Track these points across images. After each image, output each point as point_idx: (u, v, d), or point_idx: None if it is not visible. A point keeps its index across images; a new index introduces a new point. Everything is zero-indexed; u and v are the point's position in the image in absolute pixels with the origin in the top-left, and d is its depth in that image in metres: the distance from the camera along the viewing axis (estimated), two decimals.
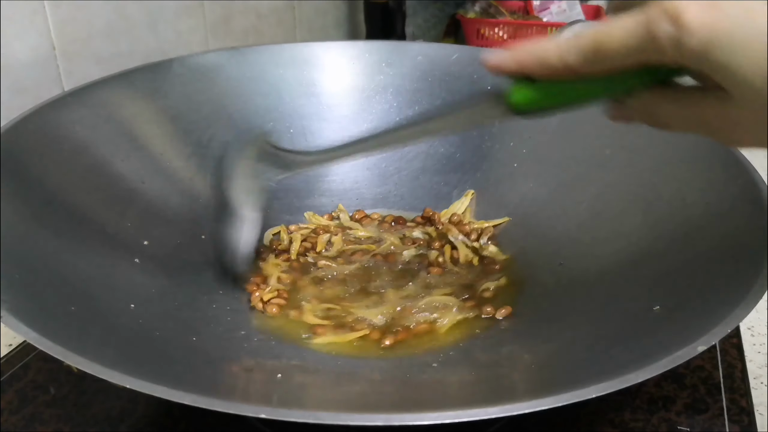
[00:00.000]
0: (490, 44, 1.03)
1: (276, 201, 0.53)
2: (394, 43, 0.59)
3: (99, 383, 0.37)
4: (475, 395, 0.34)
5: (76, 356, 0.24)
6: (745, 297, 0.27)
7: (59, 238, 0.36)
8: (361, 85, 0.57)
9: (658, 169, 0.42)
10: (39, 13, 0.52)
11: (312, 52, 0.56)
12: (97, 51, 0.57)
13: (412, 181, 0.55)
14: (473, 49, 0.61)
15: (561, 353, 0.35)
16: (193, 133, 0.51)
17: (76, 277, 0.34)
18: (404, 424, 0.22)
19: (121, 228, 0.42)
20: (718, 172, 0.38)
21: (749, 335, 0.45)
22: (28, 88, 0.52)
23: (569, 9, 1.09)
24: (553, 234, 0.47)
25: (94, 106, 0.45)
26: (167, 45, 0.65)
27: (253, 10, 0.77)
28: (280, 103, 0.55)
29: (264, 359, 0.38)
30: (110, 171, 0.44)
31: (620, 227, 0.42)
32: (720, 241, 0.34)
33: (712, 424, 0.37)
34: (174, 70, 0.51)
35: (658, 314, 0.31)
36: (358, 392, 0.35)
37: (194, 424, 0.37)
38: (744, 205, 0.34)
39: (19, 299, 0.27)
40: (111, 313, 0.34)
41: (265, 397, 0.33)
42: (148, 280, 0.40)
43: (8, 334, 0.44)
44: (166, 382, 0.23)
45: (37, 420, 0.37)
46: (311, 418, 0.22)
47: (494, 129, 0.54)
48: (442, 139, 0.55)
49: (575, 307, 0.39)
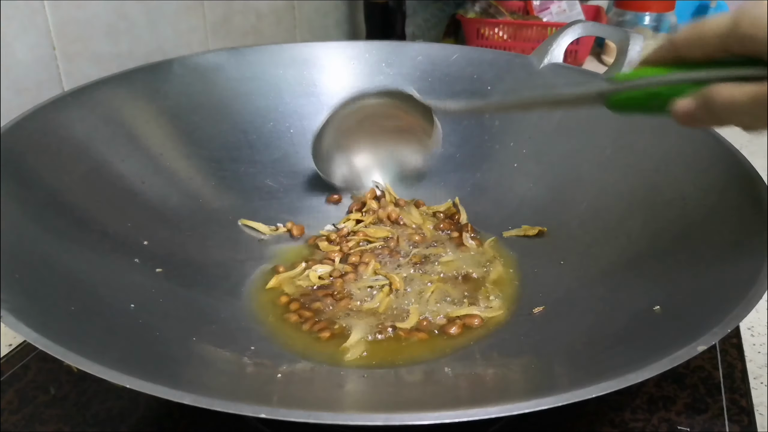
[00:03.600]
0: (490, 44, 1.03)
1: (276, 201, 0.53)
2: (394, 43, 0.59)
3: (99, 383, 0.37)
4: (475, 395, 0.34)
5: (76, 356, 0.24)
6: (745, 297, 0.27)
7: (59, 238, 0.36)
8: (361, 85, 0.56)
9: (658, 169, 0.42)
10: (39, 13, 0.52)
11: (312, 52, 0.57)
12: (97, 51, 0.57)
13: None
14: (473, 49, 0.61)
15: (561, 353, 0.35)
16: (193, 133, 0.51)
17: (76, 277, 0.34)
18: (404, 424, 0.22)
19: (121, 228, 0.42)
20: (718, 172, 0.38)
21: (749, 335, 0.45)
22: (28, 88, 0.52)
23: (569, 9, 1.09)
24: (553, 234, 0.47)
25: (94, 106, 0.45)
26: (167, 45, 0.65)
27: (253, 10, 0.77)
28: (280, 103, 0.55)
29: (264, 359, 0.38)
30: (110, 171, 0.44)
31: (620, 227, 0.42)
32: (720, 241, 0.34)
33: (712, 424, 0.37)
34: (174, 70, 0.51)
35: (658, 314, 0.32)
36: (358, 392, 0.35)
37: (194, 424, 0.37)
38: (744, 205, 0.34)
39: (19, 299, 0.27)
40: (111, 313, 0.34)
41: (265, 397, 0.33)
42: (148, 280, 0.40)
43: (8, 334, 0.44)
44: (166, 382, 0.23)
45: (37, 420, 0.37)
46: (311, 418, 0.22)
47: (494, 129, 0.54)
48: (442, 139, 0.55)
49: (575, 307, 0.39)
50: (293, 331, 0.41)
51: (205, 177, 0.50)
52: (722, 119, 0.27)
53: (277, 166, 0.54)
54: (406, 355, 0.39)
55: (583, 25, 0.53)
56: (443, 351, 0.39)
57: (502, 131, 0.54)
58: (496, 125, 0.54)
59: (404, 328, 0.41)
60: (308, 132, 0.55)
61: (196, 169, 0.50)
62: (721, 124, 0.28)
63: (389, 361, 0.38)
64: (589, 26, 0.54)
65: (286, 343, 0.40)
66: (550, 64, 0.53)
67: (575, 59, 1.03)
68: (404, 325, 0.41)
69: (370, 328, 0.41)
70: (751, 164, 0.36)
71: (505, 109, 0.49)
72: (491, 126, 0.54)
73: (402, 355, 0.39)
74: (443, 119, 0.56)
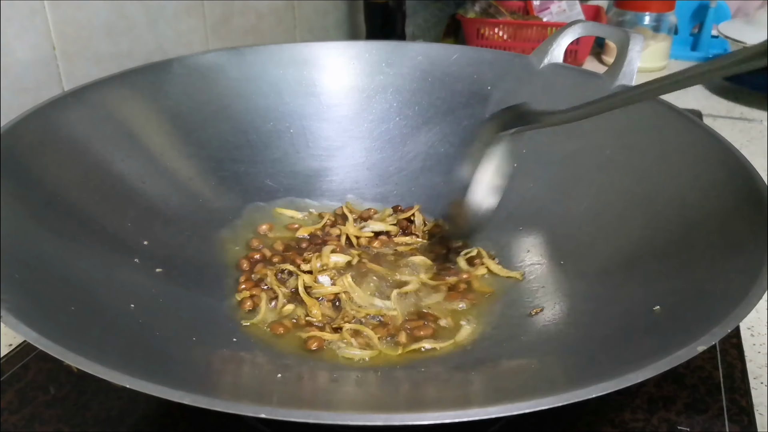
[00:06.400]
0: (490, 44, 1.03)
1: (276, 201, 0.53)
2: (394, 43, 0.59)
3: (99, 383, 0.37)
4: (475, 395, 0.34)
5: (76, 356, 0.24)
6: (745, 297, 0.27)
7: (59, 238, 0.36)
8: (361, 85, 0.57)
9: (658, 169, 0.42)
10: (39, 13, 0.52)
11: (312, 52, 0.56)
12: (97, 51, 0.57)
13: (412, 181, 0.55)
14: (473, 49, 0.61)
15: (561, 353, 0.35)
16: (193, 133, 0.51)
17: (76, 277, 0.34)
18: (404, 424, 0.22)
19: (121, 228, 0.42)
20: (718, 172, 0.38)
21: (749, 335, 0.45)
22: (28, 88, 0.52)
23: (569, 9, 1.09)
24: (553, 234, 0.47)
25: (94, 106, 0.45)
26: (167, 45, 0.65)
27: (253, 10, 0.77)
28: (280, 103, 0.55)
29: (264, 359, 0.38)
30: (110, 171, 0.44)
31: (620, 227, 0.42)
32: (720, 242, 0.34)
33: (712, 424, 0.37)
34: (174, 70, 0.51)
35: (658, 314, 0.31)
36: (358, 392, 0.35)
37: (194, 424, 0.37)
38: (744, 205, 0.34)
39: (19, 299, 0.27)
40: (111, 313, 0.34)
41: (265, 397, 0.33)
42: (148, 280, 0.40)
43: (8, 334, 0.44)
44: (166, 382, 0.23)
45: (37, 420, 0.37)
46: (311, 418, 0.22)
47: None
48: (442, 139, 0.56)
49: (575, 307, 0.39)
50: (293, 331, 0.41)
51: (205, 177, 0.50)
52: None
53: (277, 166, 0.54)
54: (405, 355, 0.39)
55: (583, 25, 0.53)
56: (444, 351, 0.39)
57: None
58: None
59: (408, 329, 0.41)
60: (308, 132, 0.55)
61: (196, 169, 0.50)
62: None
63: (390, 361, 0.38)
64: (589, 26, 0.54)
65: (286, 343, 0.40)
66: (550, 64, 0.53)
67: (575, 59, 1.03)
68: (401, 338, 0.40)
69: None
70: (751, 164, 0.36)
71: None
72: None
73: (402, 355, 0.39)
74: (443, 120, 0.56)
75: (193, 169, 0.50)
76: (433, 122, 0.56)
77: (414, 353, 0.39)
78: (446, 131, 0.55)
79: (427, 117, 0.56)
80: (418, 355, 0.39)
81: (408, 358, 0.39)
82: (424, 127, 0.56)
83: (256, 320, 0.41)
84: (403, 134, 0.56)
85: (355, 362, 0.38)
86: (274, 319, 0.42)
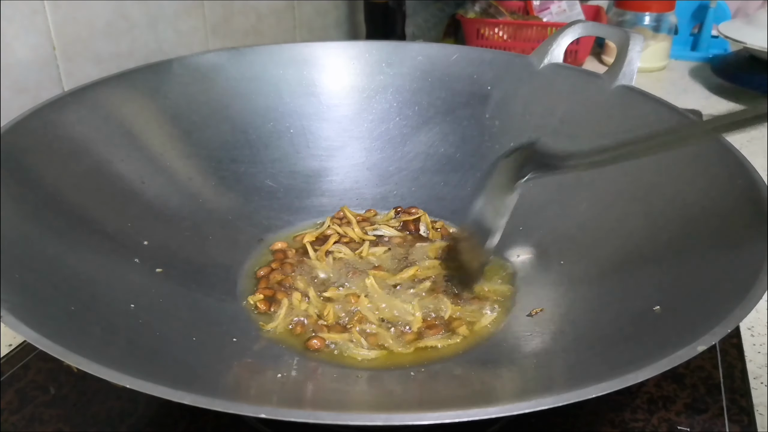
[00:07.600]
0: (490, 44, 1.03)
1: (276, 201, 0.53)
2: (394, 43, 0.59)
3: (99, 383, 0.37)
4: (475, 395, 0.34)
5: (76, 356, 0.24)
6: (745, 297, 0.27)
7: (59, 238, 0.36)
8: (361, 85, 0.57)
9: (658, 169, 0.42)
10: (39, 13, 0.52)
11: (312, 52, 0.56)
12: (97, 51, 0.57)
13: (412, 181, 0.55)
14: (473, 49, 0.61)
15: (561, 353, 0.35)
16: (193, 133, 0.51)
17: (76, 277, 0.34)
18: (404, 424, 0.22)
19: (121, 228, 0.42)
20: (718, 172, 0.38)
21: (749, 335, 0.45)
22: (28, 88, 0.52)
23: (569, 9, 1.09)
24: (553, 234, 0.47)
25: (94, 106, 0.45)
26: (167, 45, 0.65)
27: (253, 10, 0.77)
28: (280, 103, 0.55)
29: (264, 359, 0.38)
30: (110, 171, 0.44)
31: (620, 227, 0.42)
32: (720, 242, 0.34)
33: (712, 424, 0.37)
34: (174, 70, 0.51)
35: (658, 314, 0.31)
36: (358, 392, 0.35)
37: (194, 424, 0.37)
38: (744, 205, 0.34)
39: (19, 299, 0.27)
40: (111, 313, 0.34)
41: (265, 397, 0.33)
42: (148, 280, 0.40)
43: (8, 334, 0.44)
44: (166, 382, 0.23)
45: (37, 420, 0.37)
46: (311, 418, 0.22)
47: (494, 129, 0.54)
48: (442, 139, 0.56)
49: (575, 307, 0.39)
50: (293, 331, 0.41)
51: (205, 177, 0.50)
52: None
53: (277, 166, 0.54)
54: (405, 356, 0.39)
55: (583, 25, 0.53)
56: (443, 352, 0.39)
57: (502, 131, 0.54)
58: (496, 125, 0.54)
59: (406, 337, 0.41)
60: (308, 132, 0.55)
61: (196, 169, 0.50)
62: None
63: (390, 361, 0.38)
64: (589, 26, 0.54)
65: (287, 343, 0.40)
66: (550, 64, 0.53)
67: (575, 59, 1.03)
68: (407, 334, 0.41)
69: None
70: (751, 164, 0.36)
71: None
72: (491, 126, 0.54)
73: (402, 356, 0.39)
74: (443, 120, 0.56)
75: (193, 169, 0.50)
76: (433, 122, 0.56)
77: (421, 352, 0.39)
78: (446, 131, 0.55)
79: (427, 117, 0.56)
80: (424, 354, 0.39)
81: (414, 357, 0.39)
82: (424, 127, 0.56)
83: (273, 325, 0.41)
84: (403, 134, 0.56)
85: (358, 362, 0.38)
86: (288, 323, 0.42)
